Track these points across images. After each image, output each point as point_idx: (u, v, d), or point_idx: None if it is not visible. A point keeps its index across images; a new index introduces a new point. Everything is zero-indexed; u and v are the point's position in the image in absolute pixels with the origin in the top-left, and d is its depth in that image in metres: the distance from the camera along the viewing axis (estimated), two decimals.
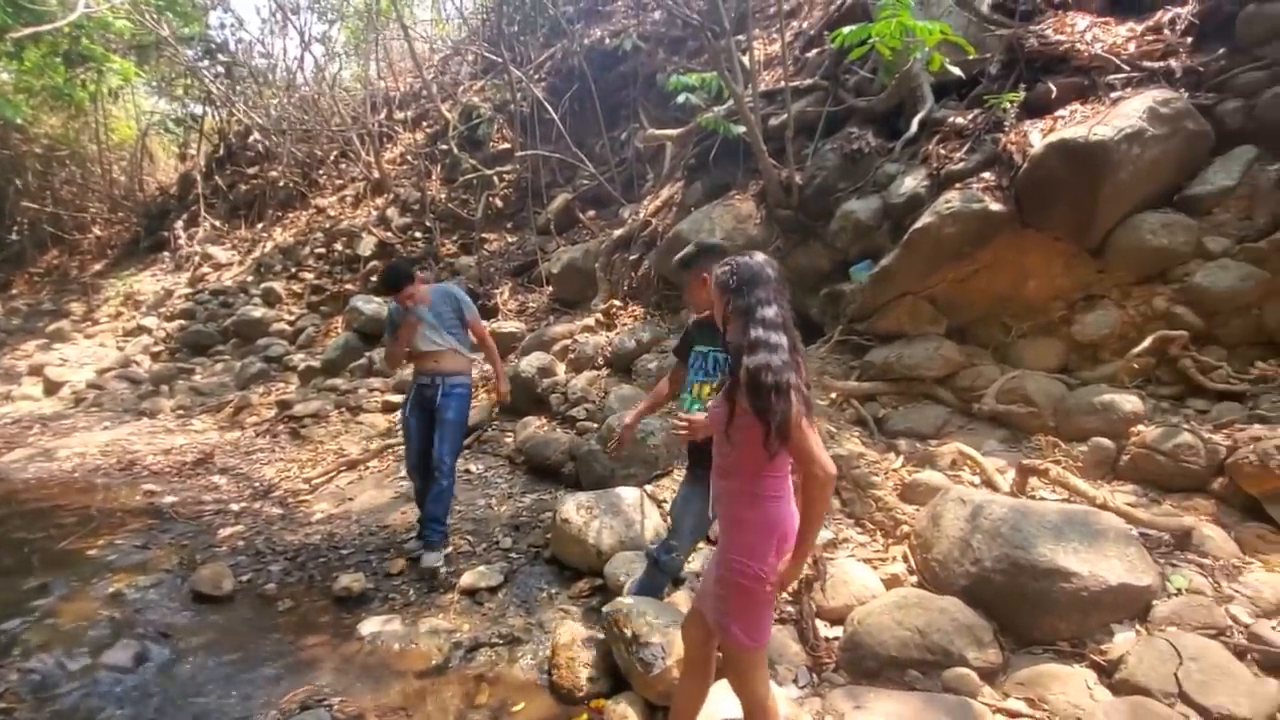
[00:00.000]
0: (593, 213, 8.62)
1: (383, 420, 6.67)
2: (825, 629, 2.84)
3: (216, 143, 15.39)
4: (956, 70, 4.79)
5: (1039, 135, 4.14)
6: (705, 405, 2.42)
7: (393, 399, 6.87)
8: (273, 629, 3.41)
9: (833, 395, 4.42)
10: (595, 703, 2.69)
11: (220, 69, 14.70)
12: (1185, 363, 3.76)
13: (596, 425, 4.84)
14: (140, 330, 11.13)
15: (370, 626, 3.34)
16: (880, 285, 4.57)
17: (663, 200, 7.18)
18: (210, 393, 8.71)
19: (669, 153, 7.61)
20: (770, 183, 5.47)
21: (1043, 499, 3.22)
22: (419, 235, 10.00)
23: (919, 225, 4.31)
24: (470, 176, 10.05)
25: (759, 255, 1.95)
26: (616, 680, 2.76)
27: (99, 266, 14.49)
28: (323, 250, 10.73)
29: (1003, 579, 2.60)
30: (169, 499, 5.31)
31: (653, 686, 2.54)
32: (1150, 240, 3.93)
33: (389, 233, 10.16)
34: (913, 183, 4.66)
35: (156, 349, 10.47)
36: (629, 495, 3.85)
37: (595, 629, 2.94)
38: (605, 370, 5.88)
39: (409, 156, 11.71)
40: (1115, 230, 4.03)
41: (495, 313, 7.87)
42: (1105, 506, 2.97)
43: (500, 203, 9.80)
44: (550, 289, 7.77)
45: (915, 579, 2.96)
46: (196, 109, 15.93)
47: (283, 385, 8.45)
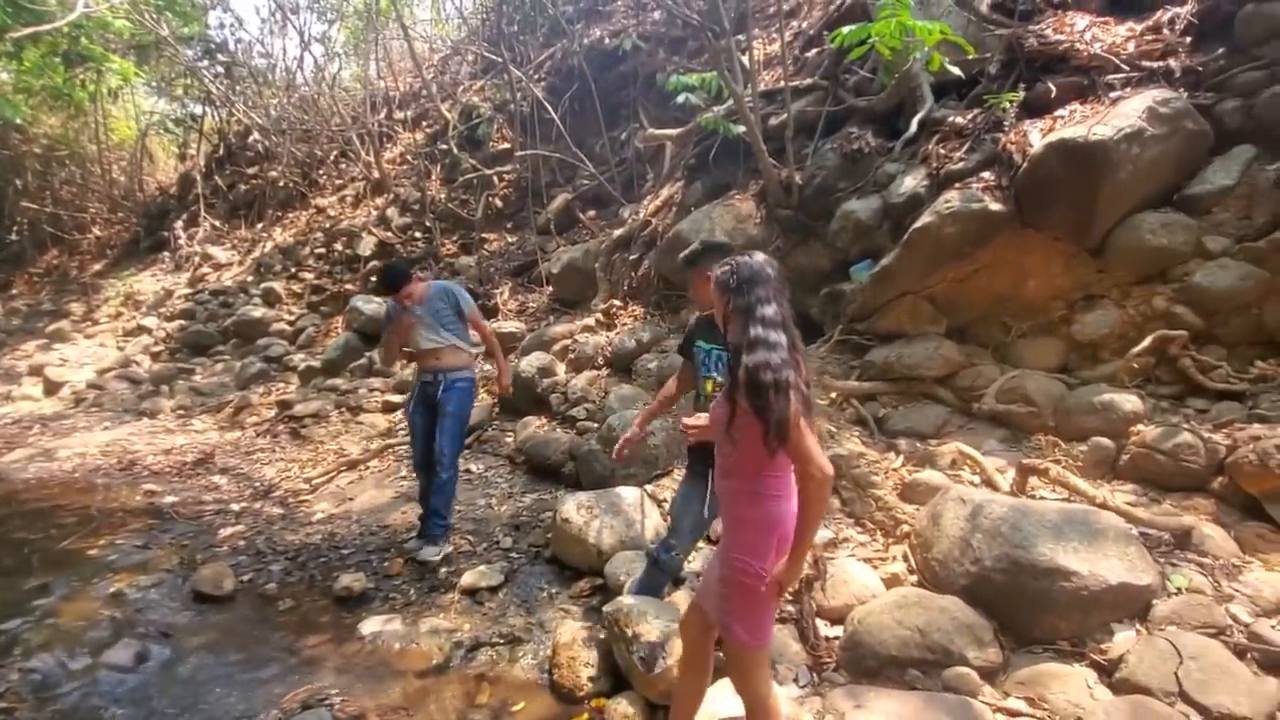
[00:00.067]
0: (593, 212, 8.62)
1: (383, 420, 6.67)
2: (825, 628, 2.84)
3: (216, 143, 15.38)
4: (956, 70, 4.79)
5: (1039, 135, 4.14)
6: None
7: (393, 399, 6.88)
8: (274, 629, 3.41)
9: (833, 395, 4.43)
10: (596, 702, 2.69)
11: (220, 69, 14.69)
12: (1185, 362, 3.76)
13: (596, 425, 4.84)
14: (140, 330, 11.13)
15: (371, 626, 3.35)
16: (880, 285, 4.57)
17: (663, 200, 7.19)
18: (210, 393, 8.71)
19: (669, 152, 7.60)
20: (770, 182, 5.47)
21: (1043, 498, 3.22)
22: (419, 235, 9.99)
23: (919, 225, 4.32)
24: (470, 176, 10.05)
25: (759, 255, 1.96)
26: (617, 679, 2.76)
27: (99, 266, 14.49)
28: (323, 250, 10.73)
29: (1003, 578, 2.60)
30: (169, 499, 5.32)
31: (653, 686, 2.55)
32: (1150, 240, 3.94)
33: (389, 233, 10.16)
34: (913, 182, 4.66)
35: (156, 349, 10.47)
36: (629, 495, 3.85)
37: (596, 628, 2.94)
38: (605, 370, 5.88)
39: (409, 156, 11.70)
40: (1115, 230, 4.04)
41: (495, 313, 7.87)
42: (1105, 506, 2.98)
43: (500, 203, 9.80)
44: (550, 289, 7.77)
45: (915, 578, 2.97)
46: (196, 109, 15.93)
47: (283, 385, 8.45)
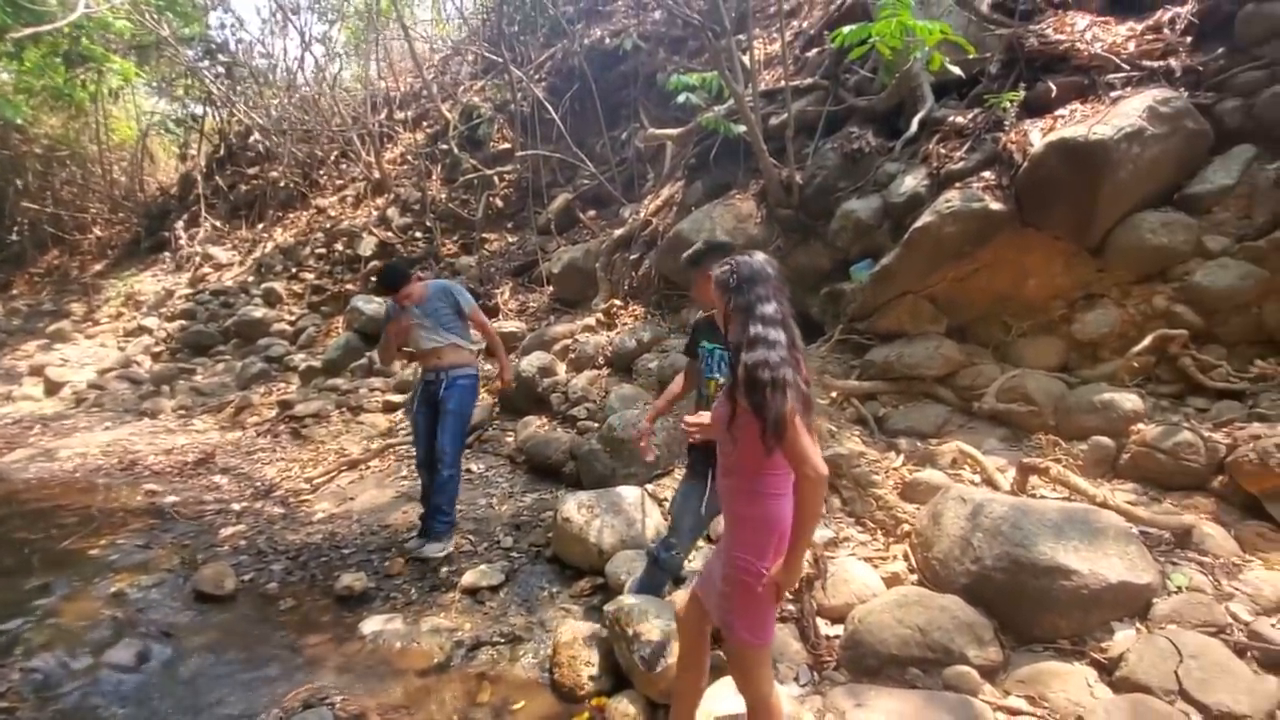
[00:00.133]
0: (593, 212, 8.62)
1: (384, 420, 6.68)
2: (826, 627, 2.84)
3: (217, 143, 15.39)
4: (956, 70, 4.79)
5: (1039, 134, 4.14)
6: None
7: (394, 399, 6.88)
8: (275, 628, 3.42)
9: (833, 394, 4.43)
10: (596, 701, 2.70)
11: (220, 69, 14.70)
12: (1185, 361, 3.77)
13: (597, 425, 4.85)
14: (141, 330, 11.14)
15: (372, 625, 3.35)
16: (881, 284, 4.58)
17: (663, 200, 7.19)
18: (211, 393, 8.72)
19: (669, 152, 7.61)
20: (771, 182, 5.48)
21: (1043, 497, 3.22)
22: (419, 235, 10.00)
23: (919, 224, 4.32)
24: (470, 176, 10.05)
25: (759, 254, 1.96)
26: (618, 678, 2.77)
27: (99, 267, 14.50)
28: (323, 250, 10.73)
29: (1003, 577, 2.60)
30: (170, 499, 5.32)
31: (654, 684, 2.55)
32: (1150, 239, 3.94)
33: (389, 233, 10.16)
34: (913, 182, 4.66)
35: (157, 349, 10.48)
36: (630, 494, 3.86)
37: (597, 627, 2.95)
38: (606, 370, 5.89)
39: (409, 156, 11.71)
40: (1115, 229, 4.04)
41: (496, 312, 7.87)
42: (1105, 505, 2.98)
43: (500, 203, 9.80)
44: (551, 289, 7.78)
45: (916, 577, 2.97)
46: (197, 109, 15.94)
47: (283, 385, 8.45)
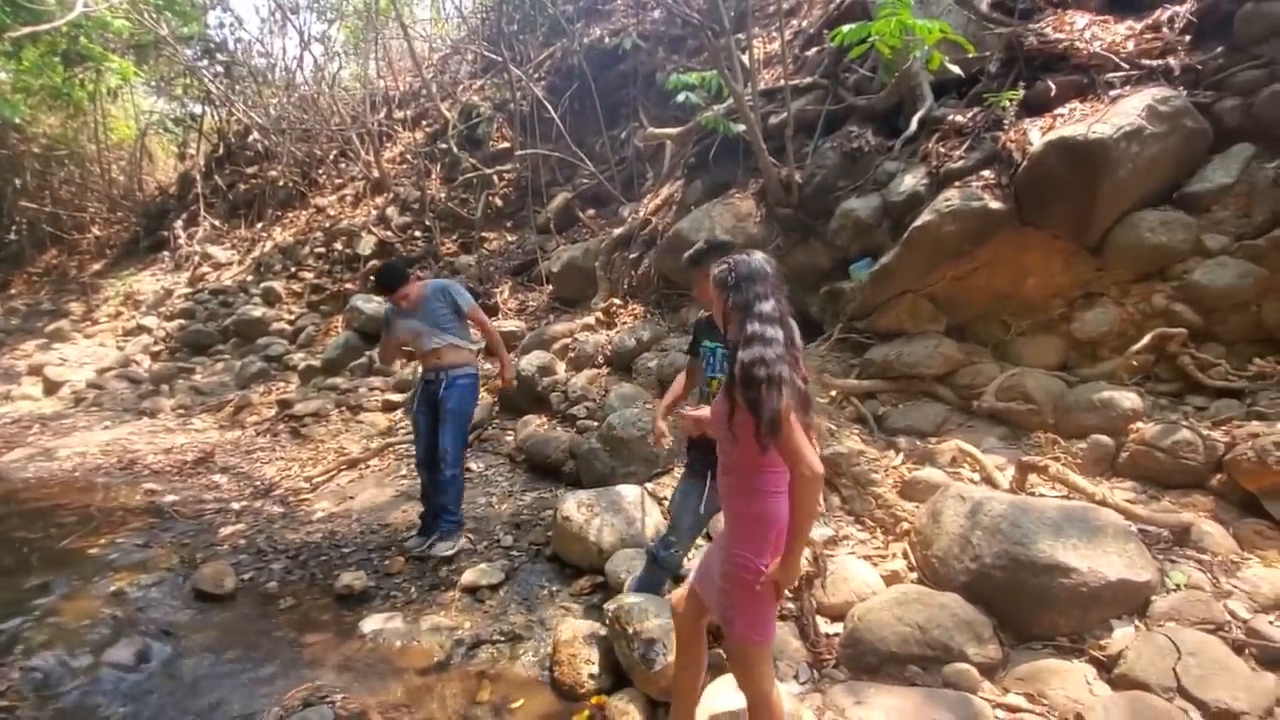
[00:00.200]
0: (592, 211, 8.62)
1: (383, 419, 6.68)
2: (826, 625, 2.85)
3: (216, 142, 15.37)
4: (956, 68, 4.79)
5: (1038, 133, 4.15)
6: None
7: (393, 398, 6.88)
8: (275, 627, 3.42)
9: (833, 393, 4.43)
10: (596, 699, 2.70)
11: (219, 68, 14.68)
12: (1184, 360, 3.77)
13: (597, 424, 4.85)
14: (140, 330, 11.13)
15: (372, 624, 3.35)
16: (880, 283, 4.58)
17: (663, 199, 7.19)
18: (210, 392, 8.72)
19: (669, 151, 7.61)
20: (770, 181, 5.48)
21: (1042, 496, 3.23)
22: (419, 234, 9.99)
23: (919, 223, 4.32)
24: (470, 175, 10.05)
25: (757, 253, 1.96)
26: (618, 677, 2.77)
27: (98, 266, 14.48)
28: (322, 249, 10.72)
29: (1002, 575, 2.61)
30: (170, 498, 5.32)
31: (654, 683, 2.56)
32: (1149, 238, 3.94)
33: (389, 232, 10.16)
34: (912, 181, 4.66)
35: (156, 348, 10.47)
36: (629, 493, 3.86)
37: (596, 626, 2.95)
38: (605, 368, 5.89)
39: (409, 156, 11.70)
40: (1114, 228, 4.04)
41: (495, 311, 7.88)
42: (1104, 503, 2.98)
43: (500, 202, 9.80)
44: (550, 288, 7.77)
45: (915, 575, 2.97)
46: (196, 108, 15.91)
47: (283, 384, 8.45)
